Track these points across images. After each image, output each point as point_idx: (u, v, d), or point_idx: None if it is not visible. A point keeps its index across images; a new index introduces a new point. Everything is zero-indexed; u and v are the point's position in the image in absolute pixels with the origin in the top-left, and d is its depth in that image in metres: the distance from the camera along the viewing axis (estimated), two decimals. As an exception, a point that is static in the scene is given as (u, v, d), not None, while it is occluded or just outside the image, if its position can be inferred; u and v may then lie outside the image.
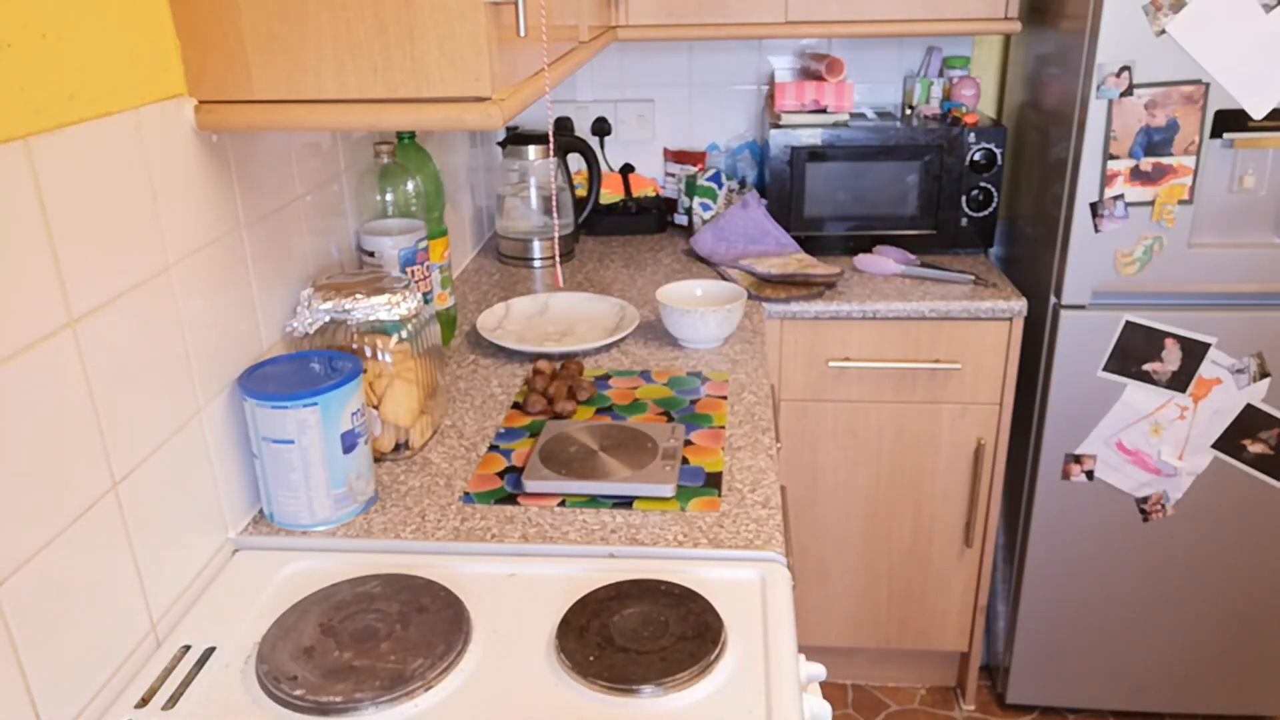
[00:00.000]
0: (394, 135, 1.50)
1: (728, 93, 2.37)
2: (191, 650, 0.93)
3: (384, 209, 1.47)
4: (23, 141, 0.75)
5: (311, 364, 1.12)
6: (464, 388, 1.48)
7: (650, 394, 1.43)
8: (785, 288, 1.89)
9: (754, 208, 2.10)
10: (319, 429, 1.06)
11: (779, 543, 1.07)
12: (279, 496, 1.08)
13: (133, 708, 0.86)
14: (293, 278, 1.24)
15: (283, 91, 0.94)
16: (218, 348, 1.06)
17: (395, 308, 1.18)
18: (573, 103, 2.39)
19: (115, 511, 0.88)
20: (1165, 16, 1.62)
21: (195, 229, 1.01)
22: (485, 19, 0.89)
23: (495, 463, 1.24)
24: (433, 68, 0.91)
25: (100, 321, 0.85)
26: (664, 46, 2.33)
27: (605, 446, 1.24)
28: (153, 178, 0.93)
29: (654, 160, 2.42)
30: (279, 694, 0.86)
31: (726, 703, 0.85)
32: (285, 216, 1.22)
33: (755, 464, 1.23)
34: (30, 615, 0.76)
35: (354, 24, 0.90)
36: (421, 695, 0.86)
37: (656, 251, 2.16)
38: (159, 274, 0.94)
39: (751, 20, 1.93)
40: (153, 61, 0.92)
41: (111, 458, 0.87)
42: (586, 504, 1.15)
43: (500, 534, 1.09)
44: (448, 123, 0.94)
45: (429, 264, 1.48)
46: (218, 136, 1.04)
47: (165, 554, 0.96)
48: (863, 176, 2.05)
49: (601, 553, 1.07)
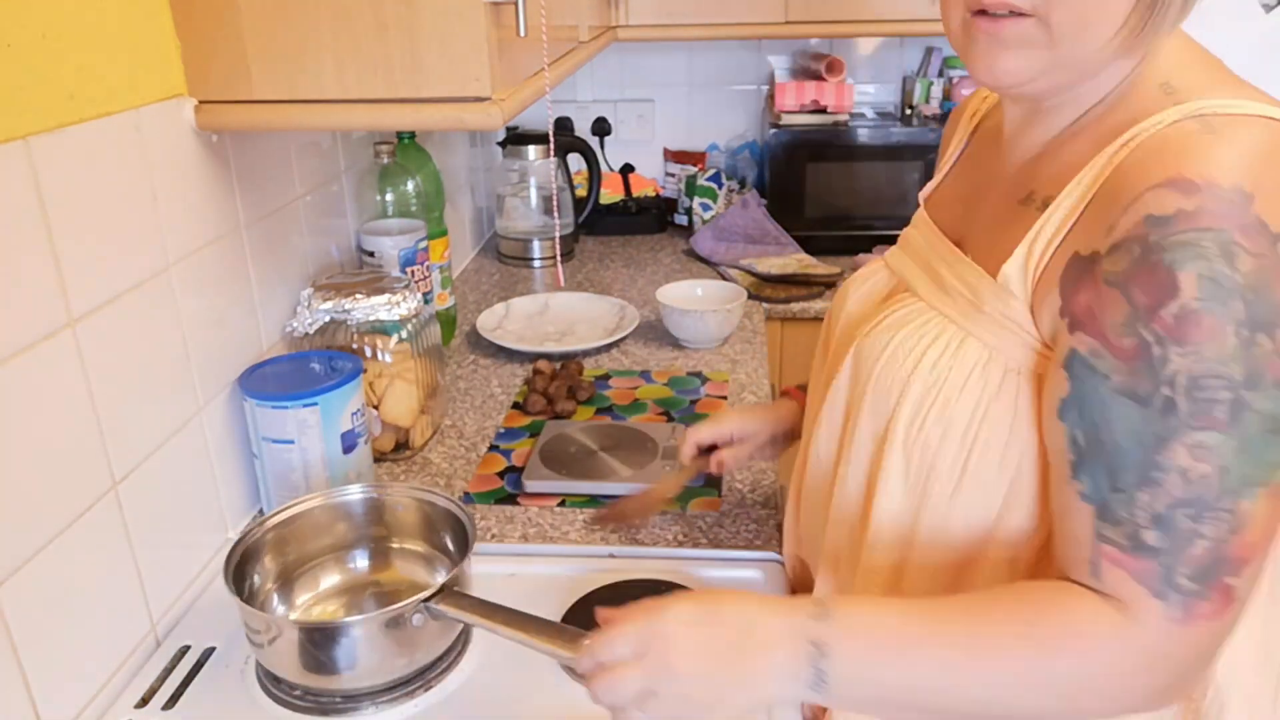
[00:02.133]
0: (394, 135, 1.50)
1: (728, 93, 2.37)
2: (191, 650, 0.93)
3: (384, 209, 1.47)
4: (23, 141, 0.75)
5: (311, 364, 1.12)
6: (464, 388, 1.47)
7: (650, 394, 1.43)
8: (785, 288, 1.89)
9: (754, 208, 2.10)
10: (319, 429, 1.06)
11: (779, 543, 1.07)
12: (279, 496, 1.08)
13: (133, 708, 0.86)
14: (293, 278, 1.24)
15: (283, 91, 0.94)
16: (218, 348, 1.06)
17: (395, 308, 1.18)
18: (573, 103, 2.38)
19: (115, 511, 0.88)
20: (1165, 16, 1.62)
21: (195, 229, 1.01)
22: (485, 19, 0.89)
23: (495, 463, 1.24)
24: (433, 68, 0.91)
25: (100, 321, 0.85)
26: (664, 46, 2.33)
27: (605, 446, 1.24)
28: (153, 178, 0.93)
29: (654, 160, 2.42)
30: (278, 694, 0.86)
31: (726, 703, 0.85)
32: (285, 216, 1.22)
33: (755, 464, 1.23)
34: (30, 615, 0.76)
35: (354, 24, 0.90)
36: (421, 695, 0.86)
37: (656, 251, 2.16)
38: (159, 274, 0.94)
39: (751, 20, 1.93)
40: (153, 61, 0.92)
41: (111, 458, 0.87)
42: (586, 504, 1.15)
43: (500, 534, 1.09)
44: (448, 123, 0.94)
45: (429, 264, 1.48)
46: (218, 136, 1.04)
47: (165, 554, 0.96)
48: (863, 176, 2.04)
49: (601, 553, 1.06)
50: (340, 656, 0.82)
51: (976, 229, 0.77)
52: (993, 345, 0.70)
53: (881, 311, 0.80)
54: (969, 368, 0.70)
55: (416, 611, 0.82)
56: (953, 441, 0.71)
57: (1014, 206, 0.72)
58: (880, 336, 0.77)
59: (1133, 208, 0.60)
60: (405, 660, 0.85)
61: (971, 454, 0.71)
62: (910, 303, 0.78)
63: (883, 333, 0.77)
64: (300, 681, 0.85)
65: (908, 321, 0.76)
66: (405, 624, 0.82)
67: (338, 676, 0.83)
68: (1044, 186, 0.69)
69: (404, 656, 0.84)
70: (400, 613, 0.81)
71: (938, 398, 0.71)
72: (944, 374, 0.71)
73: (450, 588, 0.84)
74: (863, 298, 0.87)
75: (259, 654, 0.86)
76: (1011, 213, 0.72)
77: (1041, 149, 0.73)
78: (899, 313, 0.78)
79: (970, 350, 0.71)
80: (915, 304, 0.78)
